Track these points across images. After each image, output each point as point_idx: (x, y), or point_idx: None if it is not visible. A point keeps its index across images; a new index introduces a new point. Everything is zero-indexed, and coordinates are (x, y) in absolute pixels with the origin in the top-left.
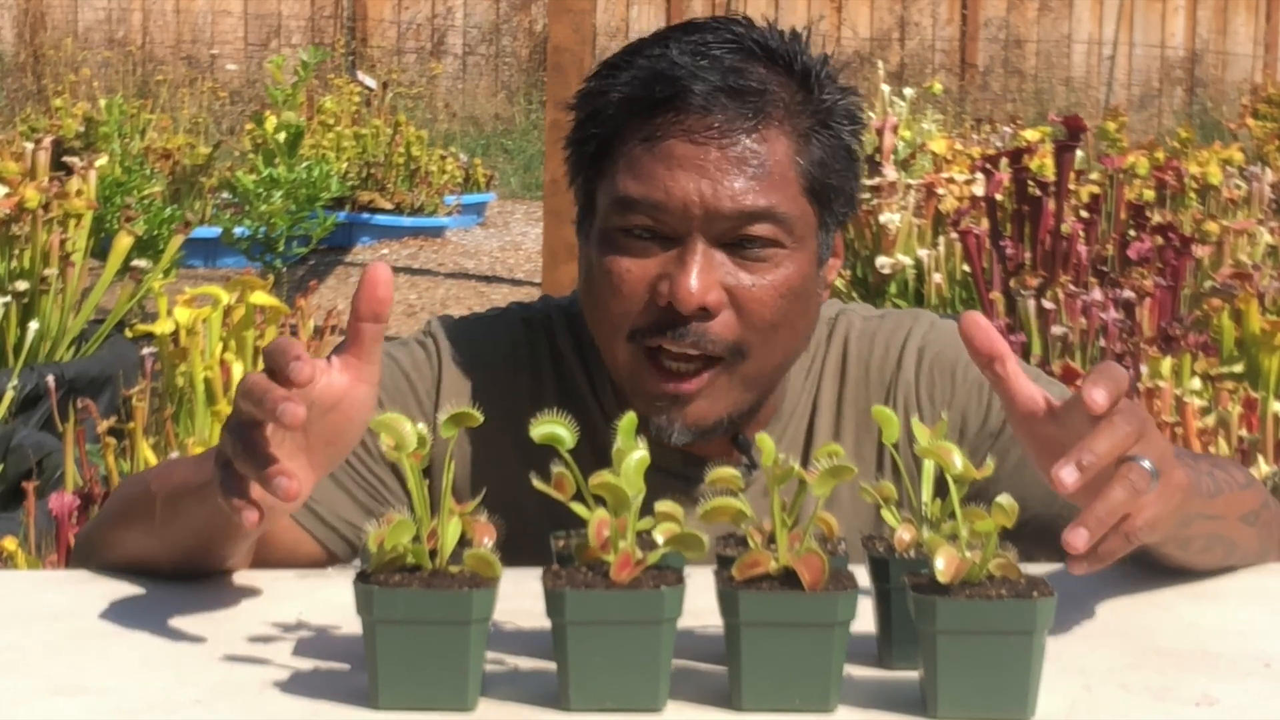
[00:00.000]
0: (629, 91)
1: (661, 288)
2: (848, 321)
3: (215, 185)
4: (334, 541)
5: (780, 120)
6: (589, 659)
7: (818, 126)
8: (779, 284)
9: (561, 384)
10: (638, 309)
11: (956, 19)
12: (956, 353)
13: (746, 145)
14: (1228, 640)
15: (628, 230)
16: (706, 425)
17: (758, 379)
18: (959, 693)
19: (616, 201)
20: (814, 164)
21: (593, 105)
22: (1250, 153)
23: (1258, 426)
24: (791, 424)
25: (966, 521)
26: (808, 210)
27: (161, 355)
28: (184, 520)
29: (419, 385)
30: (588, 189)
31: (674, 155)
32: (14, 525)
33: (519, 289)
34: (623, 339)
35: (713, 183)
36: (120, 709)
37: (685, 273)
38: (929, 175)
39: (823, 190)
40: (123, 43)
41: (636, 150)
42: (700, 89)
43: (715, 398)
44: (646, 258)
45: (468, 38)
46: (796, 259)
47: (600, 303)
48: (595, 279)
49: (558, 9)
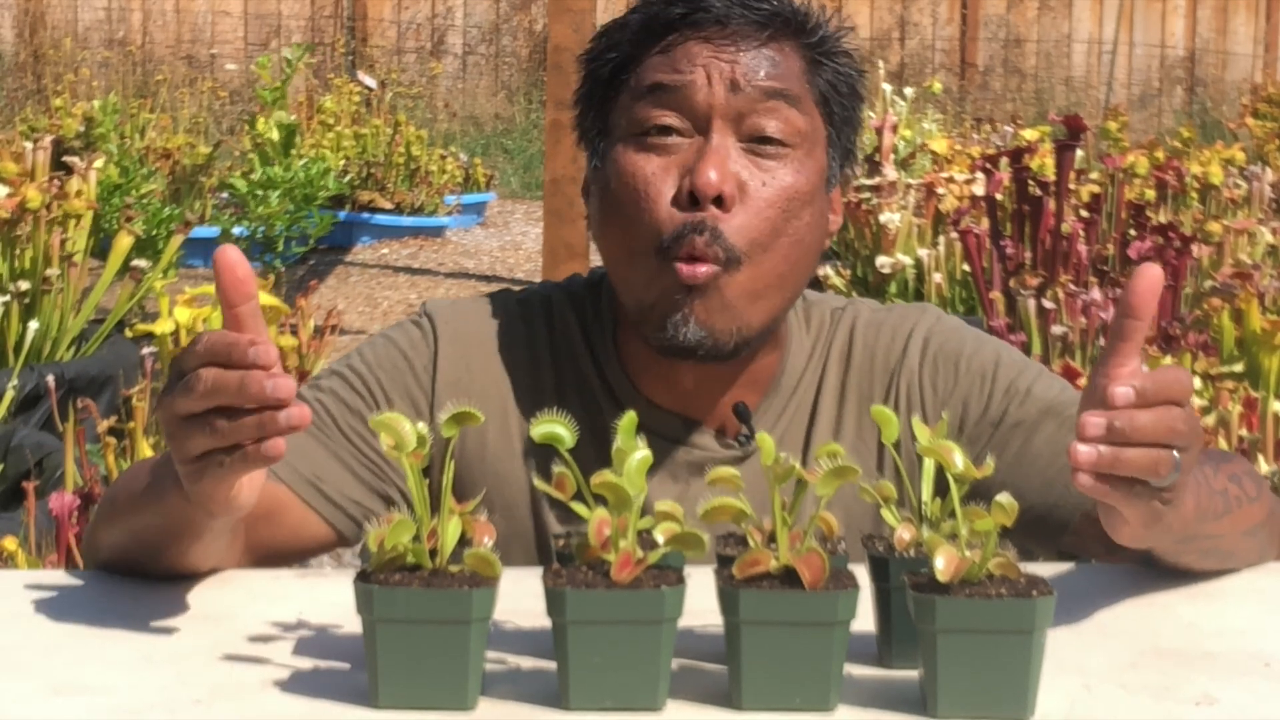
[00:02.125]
0: (647, 14)
1: (684, 182)
2: (855, 310)
3: (215, 185)
4: (341, 520)
5: (792, 40)
6: (589, 659)
7: (824, 55)
8: (788, 186)
9: (559, 362)
10: (662, 213)
11: (956, 18)
12: (960, 343)
13: (763, 51)
14: (1228, 640)
15: (647, 130)
16: (717, 330)
17: (760, 291)
18: (959, 692)
19: (639, 94)
20: (824, 83)
21: (610, 37)
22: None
23: (1258, 426)
24: (793, 401)
25: (966, 520)
26: (819, 121)
27: (161, 355)
28: (149, 521)
29: (416, 363)
30: (602, 112)
31: (692, 52)
32: (14, 525)
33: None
34: (646, 253)
35: (732, 64)
36: (120, 709)
37: (705, 162)
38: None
39: (833, 107)
40: (122, 42)
41: (655, 58)
42: (718, 3)
43: (721, 303)
44: (667, 156)
45: (468, 37)
46: (806, 168)
47: (625, 211)
48: (617, 190)
49: (558, 9)
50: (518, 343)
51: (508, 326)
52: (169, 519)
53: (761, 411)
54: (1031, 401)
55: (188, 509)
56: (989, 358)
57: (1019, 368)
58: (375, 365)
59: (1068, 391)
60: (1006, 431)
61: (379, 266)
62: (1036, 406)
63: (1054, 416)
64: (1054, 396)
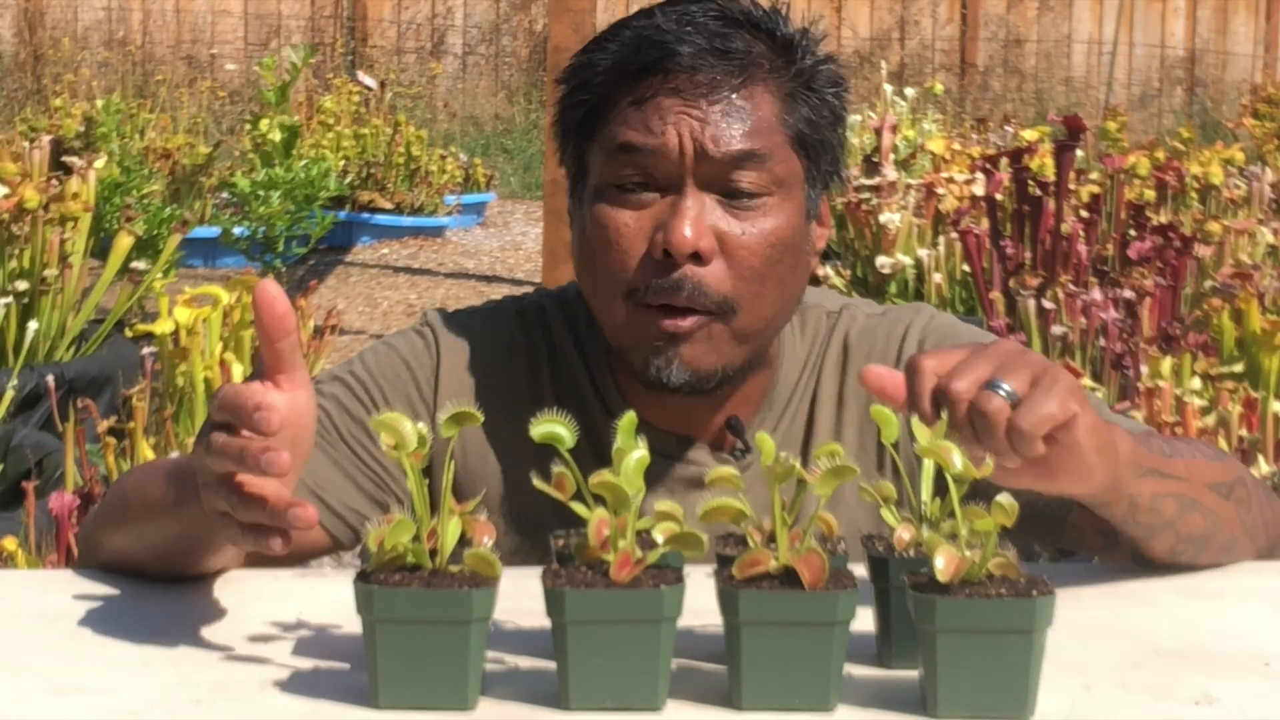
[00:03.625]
0: (617, 58)
1: (656, 238)
2: (850, 316)
3: (215, 185)
4: (341, 530)
5: (764, 80)
6: (589, 658)
7: (801, 88)
8: (768, 233)
9: (557, 374)
10: (634, 264)
11: (956, 19)
12: (954, 340)
13: (733, 100)
14: (1228, 640)
15: (621, 184)
16: (702, 370)
17: (749, 334)
18: (959, 692)
19: (611, 151)
20: (800, 120)
21: (581, 76)
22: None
23: (1258, 426)
24: (788, 413)
25: (966, 521)
26: (794, 161)
27: (161, 355)
28: (160, 532)
29: (419, 373)
30: (578, 155)
31: (664, 108)
32: (14, 525)
33: (519, 289)
34: (620, 298)
35: (702, 125)
36: (120, 709)
37: (679, 218)
38: (929, 175)
39: (810, 144)
40: (122, 42)
41: (627, 110)
42: (687, 51)
43: (708, 345)
44: (640, 209)
45: (468, 38)
46: (785, 210)
47: (598, 260)
48: (591, 238)
49: (558, 9)
50: (518, 354)
51: (508, 337)
52: (185, 532)
53: (755, 425)
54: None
55: (206, 524)
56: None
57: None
58: (377, 373)
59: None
60: None
61: (379, 266)
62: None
63: None
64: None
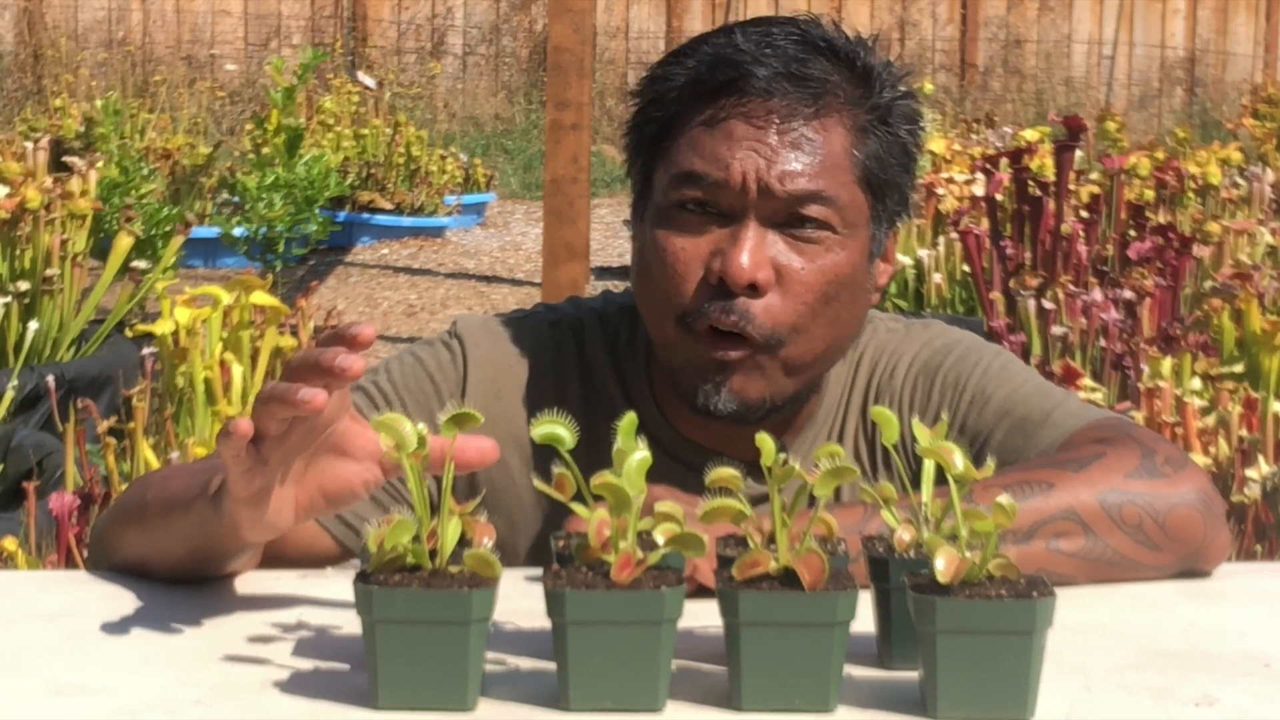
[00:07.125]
0: (693, 75)
1: (714, 264)
2: (872, 329)
3: (215, 185)
4: (350, 539)
5: (839, 111)
6: (589, 659)
7: (876, 122)
8: (827, 269)
9: (588, 388)
10: (690, 289)
11: (956, 19)
12: (944, 356)
13: (804, 132)
14: (1228, 640)
15: (683, 206)
16: (750, 400)
17: (798, 367)
18: (959, 693)
19: (675, 177)
20: (870, 157)
21: (655, 90)
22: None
23: (1258, 426)
24: (822, 433)
25: (966, 521)
26: (860, 200)
27: (162, 355)
28: (176, 532)
29: (443, 387)
30: (645, 171)
31: (733, 135)
32: (14, 525)
33: (519, 289)
34: (672, 321)
35: (769, 162)
36: (120, 709)
37: (738, 248)
38: (929, 175)
39: (877, 183)
40: (122, 42)
41: (697, 131)
42: (763, 74)
43: (758, 375)
44: (701, 235)
45: (468, 38)
46: (848, 246)
47: (654, 280)
48: (650, 257)
49: (558, 9)
50: (547, 369)
51: (538, 351)
52: (200, 530)
53: (796, 447)
54: (990, 408)
55: (224, 531)
56: (966, 367)
57: (991, 375)
58: (401, 386)
59: (1026, 387)
60: (970, 439)
61: (379, 267)
62: (992, 412)
63: (1006, 419)
64: (1006, 397)
